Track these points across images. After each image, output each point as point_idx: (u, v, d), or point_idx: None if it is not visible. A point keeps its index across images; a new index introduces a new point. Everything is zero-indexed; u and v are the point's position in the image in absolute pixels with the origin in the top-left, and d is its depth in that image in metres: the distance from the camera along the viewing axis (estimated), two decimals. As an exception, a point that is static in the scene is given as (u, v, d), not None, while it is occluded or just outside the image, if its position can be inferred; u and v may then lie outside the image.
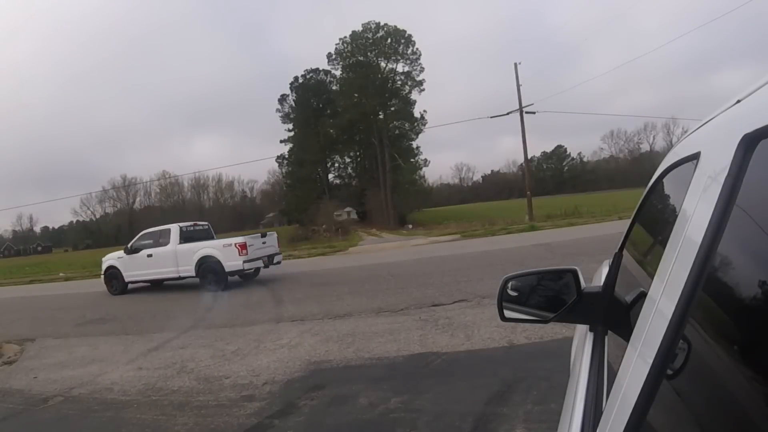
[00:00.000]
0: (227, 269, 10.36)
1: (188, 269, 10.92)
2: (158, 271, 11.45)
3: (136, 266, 11.66)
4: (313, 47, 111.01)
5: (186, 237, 11.44)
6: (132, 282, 11.91)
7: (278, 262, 11.74)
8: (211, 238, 12.00)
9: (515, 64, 22.90)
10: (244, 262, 10.29)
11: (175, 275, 11.19)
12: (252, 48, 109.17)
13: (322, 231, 36.19)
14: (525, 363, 3.69)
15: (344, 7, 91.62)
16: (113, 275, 12.03)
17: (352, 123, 45.95)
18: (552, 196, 59.59)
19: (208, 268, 10.62)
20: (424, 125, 46.05)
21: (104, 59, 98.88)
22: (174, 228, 11.42)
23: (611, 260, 1.42)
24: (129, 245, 11.99)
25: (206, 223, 12.65)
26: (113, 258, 12.23)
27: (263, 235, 11.42)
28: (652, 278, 0.74)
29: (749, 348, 0.45)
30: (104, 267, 12.35)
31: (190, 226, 11.88)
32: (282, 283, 10.30)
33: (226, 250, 10.43)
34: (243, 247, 10.28)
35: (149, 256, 11.45)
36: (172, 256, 11.13)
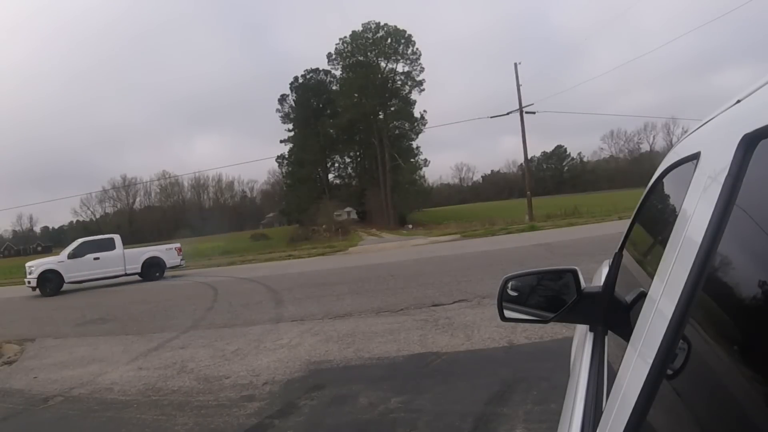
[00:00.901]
0: (168, 265, 15.34)
1: (135, 267, 14.81)
2: (106, 270, 14.51)
3: (80, 268, 14.20)
4: (314, 46, 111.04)
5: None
6: (75, 282, 14.25)
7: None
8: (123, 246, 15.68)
9: (515, 64, 22.97)
10: (181, 259, 15.75)
11: (122, 272, 14.65)
12: (252, 48, 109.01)
13: (322, 231, 36.21)
14: (525, 363, 3.69)
15: (346, 5, 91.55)
16: (47, 278, 13.80)
17: (352, 123, 45.98)
18: (552, 196, 59.52)
19: (152, 264, 15.05)
20: (424, 125, 46.17)
21: (104, 58, 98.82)
22: (117, 237, 15.15)
23: (611, 260, 1.42)
24: (70, 251, 14.48)
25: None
26: (50, 263, 14.32)
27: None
28: (652, 278, 0.73)
29: (749, 348, 0.45)
30: (37, 272, 13.83)
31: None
32: (282, 284, 10.31)
33: (168, 252, 15.56)
34: (180, 249, 15.85)
35: (96, 258, 14.39)
36: (120, 257, 14.69)
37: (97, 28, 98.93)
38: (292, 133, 51.80)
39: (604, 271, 1.65)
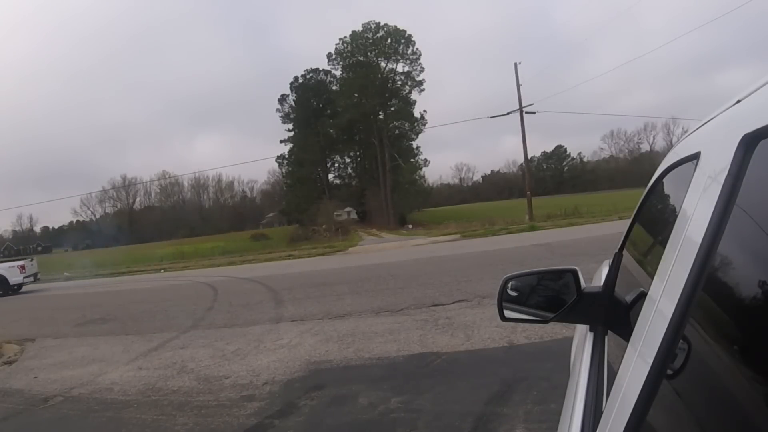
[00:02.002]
0: (12, 282, 15.78)
1: None
2: None
3: None
4: (316, 45, 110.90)
5: None
6: None
7: (38, 280, 17.83)
8: None
9: (515, 64, 22.95)
10: (24, 277, 16.06)
11: None
12: (254, 47, 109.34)
13: (322, 231, 36.20)
14: (525, 363, 3.69)
15: (348, 4, 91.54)
16: None
17: (352, 123, 45.96)
18: (552, 196, 59.58)
19: None
20: (424, 125, 46.12)
21: (105, 57, 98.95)
22: None
23: (611, 260, 1.43)
24: None
25: None
26: None
27: (32, 259, 17.72)
28: (652, 278, 0.73)
29: (749, 348, 0.45)
30: None
31: None
32: (282, 284, 10.31)
33: (10, 270, 15.88)
34: (23, 267, 16.06)
35: None
36: None
37: (98, 27, 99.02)
38: (292, 133, 51.85)
39: (604, 271, 1.65)
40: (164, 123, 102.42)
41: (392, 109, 46.18)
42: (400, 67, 45.74)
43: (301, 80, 50.90)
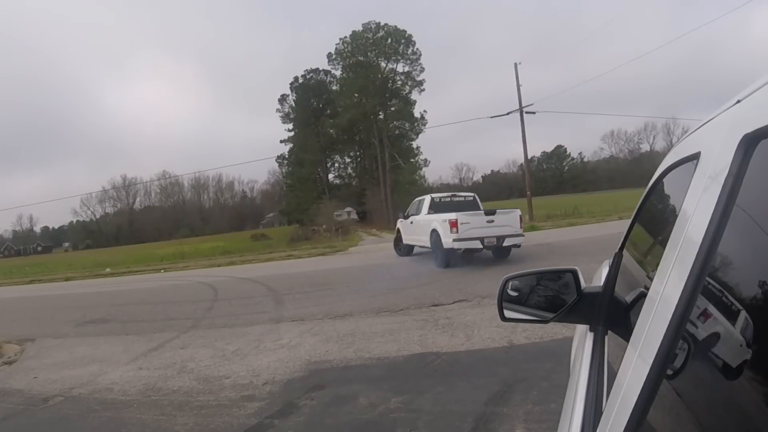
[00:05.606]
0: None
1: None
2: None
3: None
4: (316, 44, 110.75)
5: None
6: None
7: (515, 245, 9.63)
8: None
9: (515, 64, 22.95)
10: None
11: None
12: (255, 47, 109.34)
13: (323, 231, 36.17)
14: (525, 363, 3.69)
15: (348, 4, 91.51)
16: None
17: (352, 123, 45.99)
18: (552, 196, 59.66)
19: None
20: (424, 125, 46.17)
21: (106, 56, 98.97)
22: None
23: (611, 260, 1.43)
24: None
25: None
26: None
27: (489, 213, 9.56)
28: (652, 278, 0.74)
29: (749, 348, 0.45)
30: None
31: None
32: (282, 284, 10.31)
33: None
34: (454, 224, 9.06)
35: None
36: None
37: (98, 28, 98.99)
38: (292, 133, 51.92)
39: (604, 271, 1.65)
40: (164, 122, 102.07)
41: (392, 109, 46.19)
42: (400, 67, 45.80)
43: (301, 80, 50.99)
